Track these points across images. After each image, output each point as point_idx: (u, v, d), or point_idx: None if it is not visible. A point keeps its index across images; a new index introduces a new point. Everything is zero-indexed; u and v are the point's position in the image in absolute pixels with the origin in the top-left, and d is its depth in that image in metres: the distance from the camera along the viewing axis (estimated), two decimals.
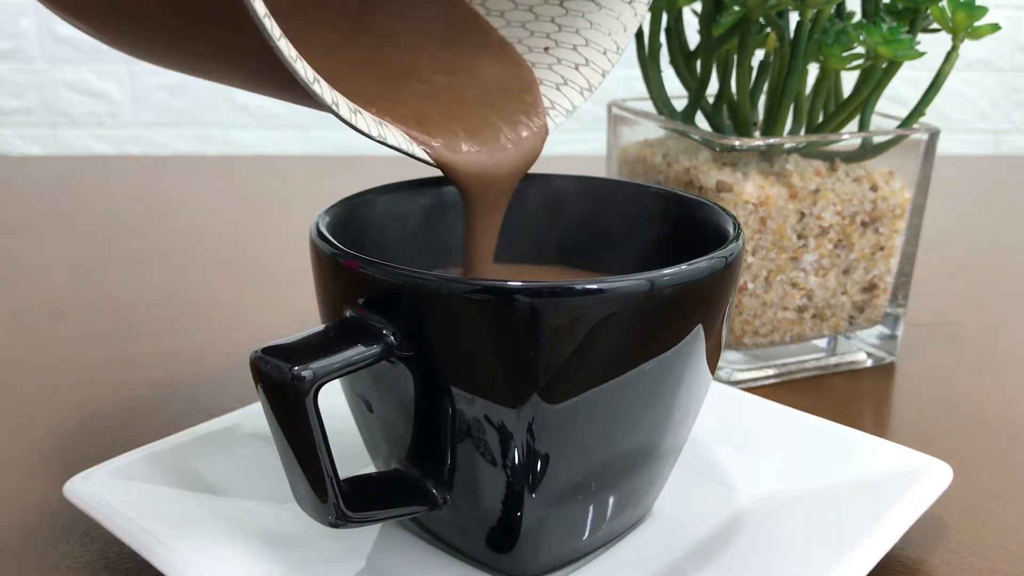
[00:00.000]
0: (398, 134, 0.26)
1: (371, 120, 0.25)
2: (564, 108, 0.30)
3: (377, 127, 0.25)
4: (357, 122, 0.24)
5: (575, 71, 0.31)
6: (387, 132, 0.26)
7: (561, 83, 0.31)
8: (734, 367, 0.41)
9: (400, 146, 0.26)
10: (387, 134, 0.26)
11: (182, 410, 0.39)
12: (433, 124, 0.28)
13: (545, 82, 0.31)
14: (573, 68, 0.31)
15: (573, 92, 0.31)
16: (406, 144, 0.26)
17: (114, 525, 0.27)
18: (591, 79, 0.31)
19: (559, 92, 0.31)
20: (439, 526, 0.27)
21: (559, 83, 0.31)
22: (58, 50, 0.93)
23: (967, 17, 0.38)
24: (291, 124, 0.96)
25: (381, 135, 0.25)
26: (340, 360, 0.22)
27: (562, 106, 0.30)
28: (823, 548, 0.26)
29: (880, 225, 0.41)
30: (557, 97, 0.31)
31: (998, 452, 0.36)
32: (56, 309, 0.51)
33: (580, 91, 0.31)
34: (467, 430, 0.24)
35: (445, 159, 0.27)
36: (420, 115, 0.28)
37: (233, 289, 0.55)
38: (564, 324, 0.22)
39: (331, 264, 0.25)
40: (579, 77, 0.31)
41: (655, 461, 0.27)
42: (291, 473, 0.23)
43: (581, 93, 0.31)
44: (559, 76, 0.31)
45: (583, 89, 0.31)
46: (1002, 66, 0.99)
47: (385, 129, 0.26)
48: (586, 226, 0.32)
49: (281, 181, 0.84)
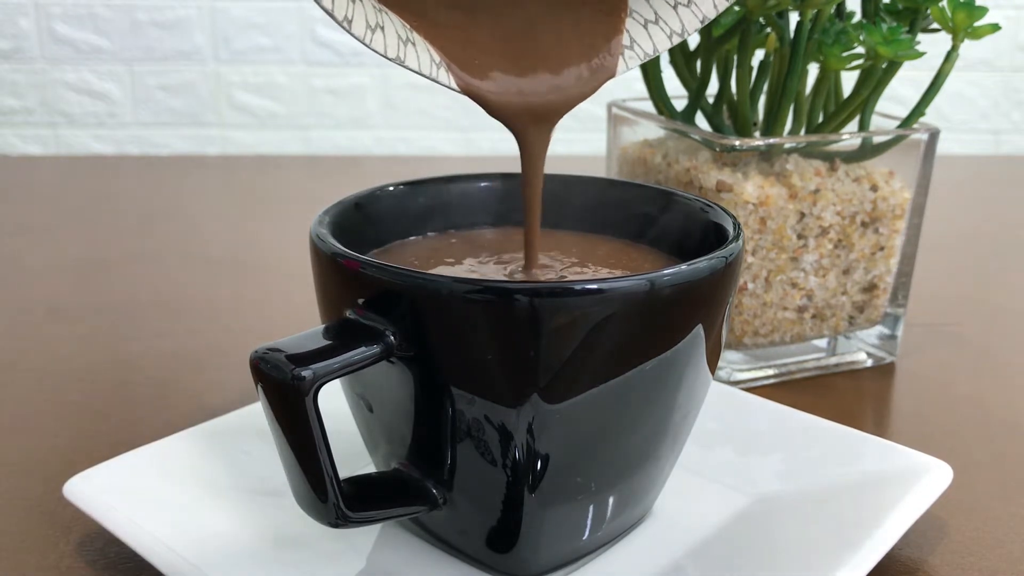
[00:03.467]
0: (424, 57, 0.24)
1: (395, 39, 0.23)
2: (644, 51, 0.27)
3: (399, 47, 0.24)
4: (373, 42, 0.23)
5: (671, 10, 0.27)
6: (410, 53, 0.24)
7: (652, 20, 0.27)
8: (734, 367, 0.41)
9: (421, 70, 0.24)
10: (408, 55, 0.24)
11: (182, 410, 0.39)
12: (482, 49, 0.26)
13: (635, 14, 0.27)
14: (671, 6, 0.27)
15: (661, 36, 0.27)
16: (429, 68, 0.25)
17: (114, 525, 0.27)
18: (687, 23, 0.27)
19: (645, 31, 0.27)
20: (439, 526, 0.27)
21: (649, 20, 0.27)
22: (58, 50, 0.93)
23: (967, 17, 0.38)
24: (291, 124, 0.96)
25: (400, 56, 0.24)
26: (340, 360, 0.22)
27: (642, 48, 0.27)
28: (823, 548, 0.26)
29: (880, 225, 0.41)
30: (640, 36, 0.27)
31: (998, 452, 0.36)
32: (56, 309, 0.51)
33: (669, 36, 0.27)
34: (467, 430, 0.24)
35: (471, 88, 0.26)
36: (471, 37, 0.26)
37: (233, 289, 0.55)
38: (564, 324, 0.22)
39: (331, 264, 0.25)
40: (674, 18, 0.27)
41: (655, 461, 0.27)
42: (291, 473, 0.23)
43: (670, 38, 0.27)
44: (652, 11, 0.27)
45: (673, 33, 0.27)
46: (1002, 66, 0.99)
47: (410, 49, 0.24)
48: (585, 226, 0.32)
49: (281, 181, 0.84)
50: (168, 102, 0.95)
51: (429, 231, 0.32)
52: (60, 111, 0.95)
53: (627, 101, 0.45)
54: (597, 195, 0.32)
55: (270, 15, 0.94)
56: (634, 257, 0.30)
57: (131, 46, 0.94)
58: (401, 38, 0.24)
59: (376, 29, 0.23)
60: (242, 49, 0.94)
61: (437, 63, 0.25)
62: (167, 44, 0.94)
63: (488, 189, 0.33)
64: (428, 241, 0.31)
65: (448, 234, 0.32)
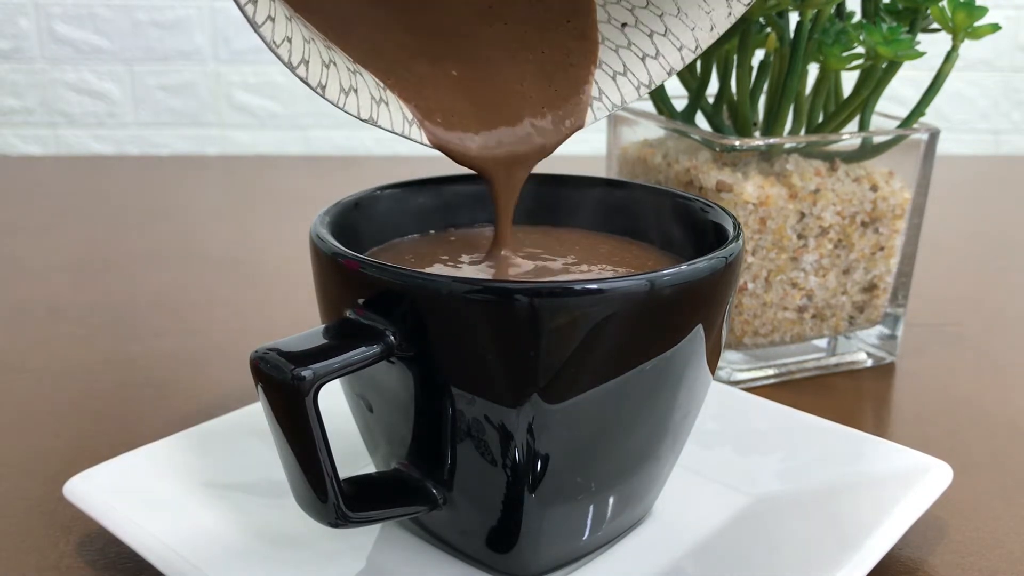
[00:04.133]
0: (397, 114, 0.25)
1: (368, 99, 0.24)
2: (612, 102, 0.28)
3: (372, 108, 0.24)
4: (347, 104, 0.24)
5: (640, 62, 0.28)
6: (383, 113, 0.25)
7: (620, 72, 0.28)
8: (734, 367, 0.41)
9: (394, 129, 0.25)
10: (381, 115, 0.25)
11: (182, 410, 0.39)
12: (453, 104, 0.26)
13: (604, 65, 0.28)
14: (639, 59, 0.28)
15: (628, 87, 0.28)
16: (402, 126, 0.25)
17: (114, 525, 0.27)
18: (654, 75, 0.28)
19: (613, 83, 0.28)
20: (439, 526, 0.27)
21: (618, 72, 0.28)
22: (58, 50, 0.93)
23: (967, 17, 0.38)
24: (291, 124, 0.96)
25: (372, 117, 0.24)
26: (340, 360, 0.22)
27: (610, 99, 0.28)
28: (823, 548, 0.26)
29: (880, 225, 0.41)
30: (608, 88, 0.28)
31: (998, 452, 0.36)
32: (56, 309, 0.51)
33: (636, 87, 0.28)
34: (467, 430, 0.24)
35: (443, 143, 0.26)
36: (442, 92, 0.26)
37: (233, 289, 0.55)
38: (564, 324, 0.22)
39: (331, 264, 0.25)
40: (642, 70, 0.28)
41: (655, 461, 0.27)
42: (291, 473, 0.23)
43: (637, 89, 0.28)
44: (621, 63, 0.28)
45: (640, 85, 0.28)
46: (1002, 66, 0.99)
47: (383, 109, 0.25)
48: (586, 225, 0.32)
49: (281, 181, 0.84)
50: (168, 102, 0.95)
51: (429, 230, 0.32)
52: (60, 111, 0.95)
53: None
54: (597, 195, 0.32)
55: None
56: (637, 255, 0.30)
57: (131, 46, 0.94)
58: (375, 98, 0.25)
59: (350, 92, 0.24)
60: (242, 49, 0.94)
61: (410, 120, 0.26)
62: (167, 44, 0.94)
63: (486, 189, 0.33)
64: (427, 239, 0.31)
65: (448, 232, 0.32)
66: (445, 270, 0.28)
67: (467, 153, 0.27)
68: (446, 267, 0.28)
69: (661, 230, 0.31)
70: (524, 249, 0.30)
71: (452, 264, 0.29)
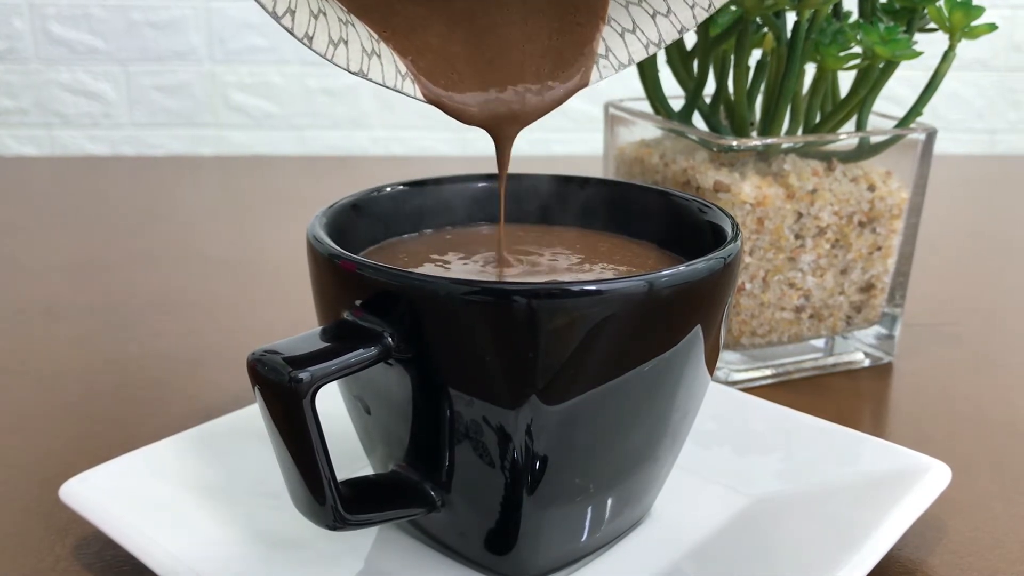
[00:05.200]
0: (390, 68, 0.25)
1: (359, 52, 0.24)
2: (619, 61, 0.27)
3: (363, 60, 0.24)
4: (335, 56, 0.23)
5: (650, 19, 0.27)
6: (374, 65, 0.24)
7: (629, 30, 0.27)
8: (732, 367, 0.41)
9: (386, 83, 0.25)
10: (372, 68, 0.24)
11: (179, 412, 0.39)
12: (451, 58, 0.26)
13: (613, 21, 0.27)
14: (649, 16, 0.27)
15: (637, 45, 0.27)
16: (394, 80, 0.25)
17: (111, 528, 0.27)
18: (664, 33, 0.27)
19: (621, 40, 0.27)
20: (437, 528, 0.27)
21: (627, 29, 0.27)
22: (53, 51, 0.93)
23: (964, 16, 0.38)
24: (287, 125, 0.96)
25: (363, 70, 0.24)
26: (338, 363, 0.22)
27: (617, 58, 0.27)
28: (822, 549, 0.26)
29: (877, 225, 0.41)
30: (616, 45, 0.27)
31: (996, 452, 0.36)
32: (52, 310, 0.51)
33: (645, 45, 0.27)
34: (465, 432, 0.24)
35: (436, 97, 0.26)
36: (440, 45, 0.26)
37: (230, 290, 0.55)
38: (562, 325, 0.22)
39: (328, 265, 0.25)
40: (651, 28, 0.27)
41: (654, 462, 0.27)
42: (288, 476, 0.23)
43: (646, 47, 0.27)
44: (630, 20, 0.27)
45: (650, 43, 0.27)
46: (998, 65, 0.99)
47: (374, 62, 0.24)
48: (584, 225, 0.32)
49: (277, 182, 0.84)
50: (163, 102, 0.95)
51: (426, 230, 0.32)
52: (55, 112, 0.95)
53: (624, 101, 0.45)
54: (595, 195, 0.32)
55: (265, 15, 0.93)
56: (637, 254, 0.30)
57: (126, 46, 0.93)
58: (366, 50, 0.24)
59: (339, 43, 0.23)
60: (237, 49, 0.94)
61: (403, 74, 0.25)
62: (162, 44, 0.93)
63: (485, 189, 0.33)
64: (423, 238, 0.31)
65: (444, 231, 0.32)
66: (442, 270, 0.28)
67: (460, 108, 0.27)
68: (442, 267, 0.28)
69: (659, 230, 0.31)
70: (523, 249, 0.30)
71: (450, 264, 0.28)
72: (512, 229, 0.32)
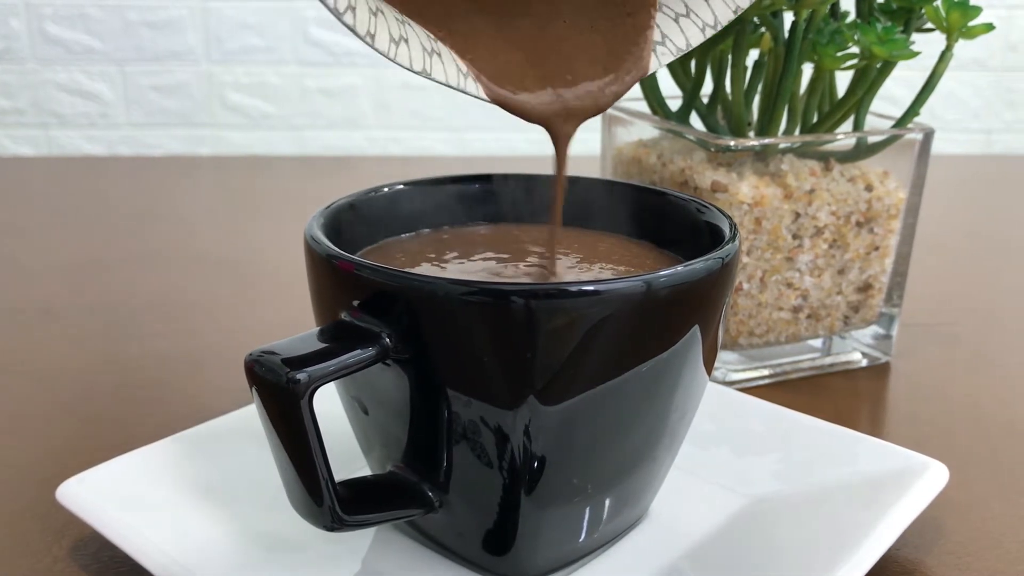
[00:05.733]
0: (452, 67, 0.24)
1: (420, 51, 0.23)
2: (676, 46, 0.27)
3: (424, 59, 0.24)
4: (398, 55, 0.23)
5: (704, 2, 0.26)
6: (436, 64, 0.24)
7: (683, 14, 0.26)
8: (729, 367, 0.41)
9: (448, 82, 0.25)
10: (435, 67, 0.24)
11: (176, 413, 0.39)
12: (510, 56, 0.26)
13: (665, 8, 0.27)
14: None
15: (693, 29, 0.27)
16: (456, 79, 0.25)
17: (108, 529, 0.27)
18: (720, 14, 0.26)
19: (676, 25, 0.27)
20: (435, 529, 0.27)
21: (680, 14, 0.26)
22: (49, 51, 0.93)
23: (961, 17, 0.38)
24: (284, 125, 0.96)
25: (426, 69, 0.24)
26: (335, 363, 0.22)
27: (675, 43, 0.27)
28: (820, 549, 0.26)
29: (875, 225, 0.41)
30: (672, 31, 0.27)
31: (994, 452, 0.36)
32: (50, 310, 0.51)
33: (702, 28, 0.27)
34: (463, 432, 0.24)
35: (501, 97, 0.26)
36: (498, 44, 0.26)
37: (228, 291, 0.55)
38: (560, 326, 0.22)
39: (326, 266, 0.25)
40: (706, 10, 0.26)
41: (652, 462, 0.27)
42: (286, 476, 0.23)
43: (703, 31, 0.27)
44: (683, 4, 0.27)
45: (706, 26, 0.27)
46: (994, 66, 1.00)
47: (435, 61, 0.24)
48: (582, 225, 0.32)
49: (275, 182, 0.84)
50: (160, 102, 0.95)
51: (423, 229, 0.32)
52: (52, 112, 0.95)
53: (622, 101, 0.45)
54: (593, 195, 0.32)
55: (262, 15, 0.93)
56: (636, 253, 0.30)
57: (123, 46, 0.93)
58: (426, 49, 0.24)
59: (400, 42, 0.23)
60: (234, 49, 0.94)
61: (464, 73, 0.25)
62: (159, 44, 0.93)
63: (484, 190, 0.33)
64: (420, 238, 0.31)
65: (441, 231, 0.32)
66: (439, 271, 0.28)
67: (525, 107, 0.27)
68: (440, 267, 0.28)
69: (657, 230, 0.31)
70: (522, 248, 0.30)
71: (447, 264, 0.28)
72: (511, 229, 0.32)
